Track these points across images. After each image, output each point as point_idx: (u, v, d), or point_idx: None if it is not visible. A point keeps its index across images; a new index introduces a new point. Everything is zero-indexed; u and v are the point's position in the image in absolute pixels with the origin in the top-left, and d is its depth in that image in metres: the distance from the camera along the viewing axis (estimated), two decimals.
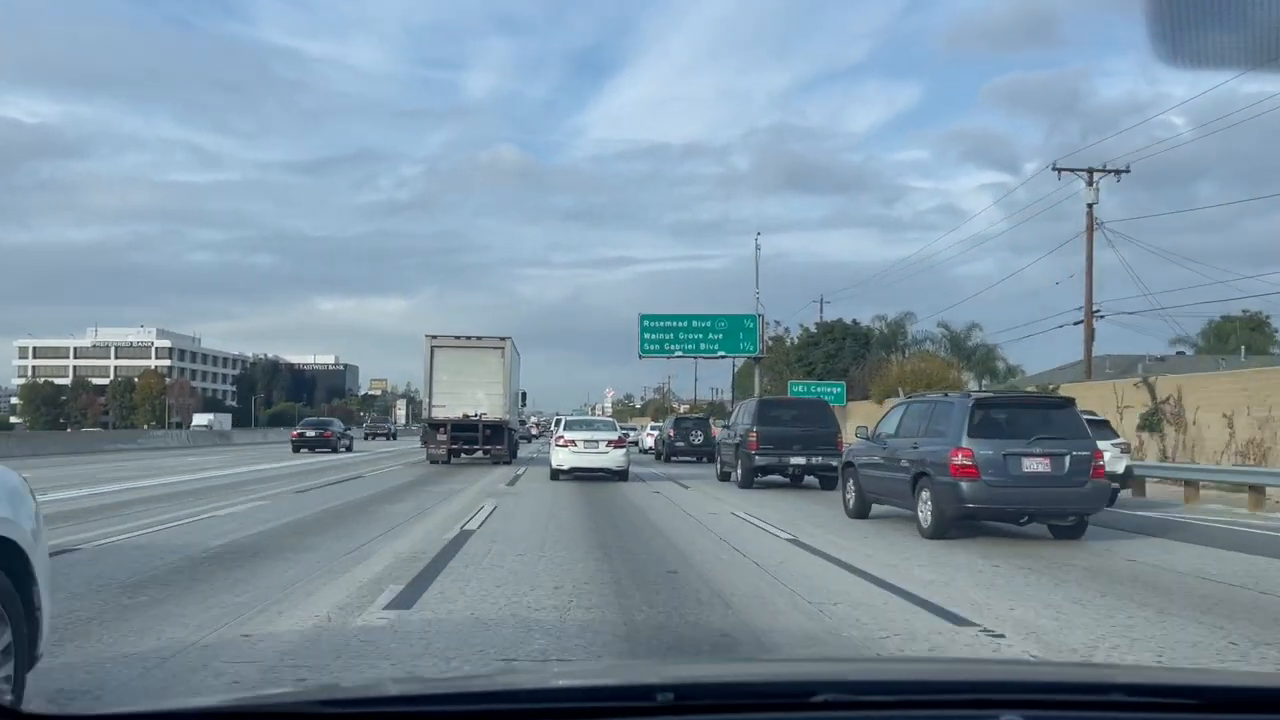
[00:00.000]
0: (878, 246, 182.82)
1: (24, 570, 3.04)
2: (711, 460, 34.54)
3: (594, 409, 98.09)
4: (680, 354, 40.43)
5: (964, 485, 9.83)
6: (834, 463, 16.62)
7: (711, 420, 39.73)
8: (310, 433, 37.42)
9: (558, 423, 24.19)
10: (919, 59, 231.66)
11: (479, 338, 27.60)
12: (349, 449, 37.53)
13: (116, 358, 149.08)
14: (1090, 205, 24.53)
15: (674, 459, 32.64)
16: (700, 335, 39.10)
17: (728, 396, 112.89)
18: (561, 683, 1.83)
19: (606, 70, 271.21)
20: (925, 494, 10.30)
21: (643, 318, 38.62)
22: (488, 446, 26.64)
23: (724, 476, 20.10)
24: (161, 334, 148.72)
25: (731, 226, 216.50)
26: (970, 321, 49.63)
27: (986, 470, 9.83)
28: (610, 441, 20.77)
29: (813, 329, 54.48)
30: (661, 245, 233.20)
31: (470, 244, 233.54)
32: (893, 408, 12.79)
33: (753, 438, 17.94)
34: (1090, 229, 24.70)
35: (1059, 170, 24.85)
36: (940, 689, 1.65)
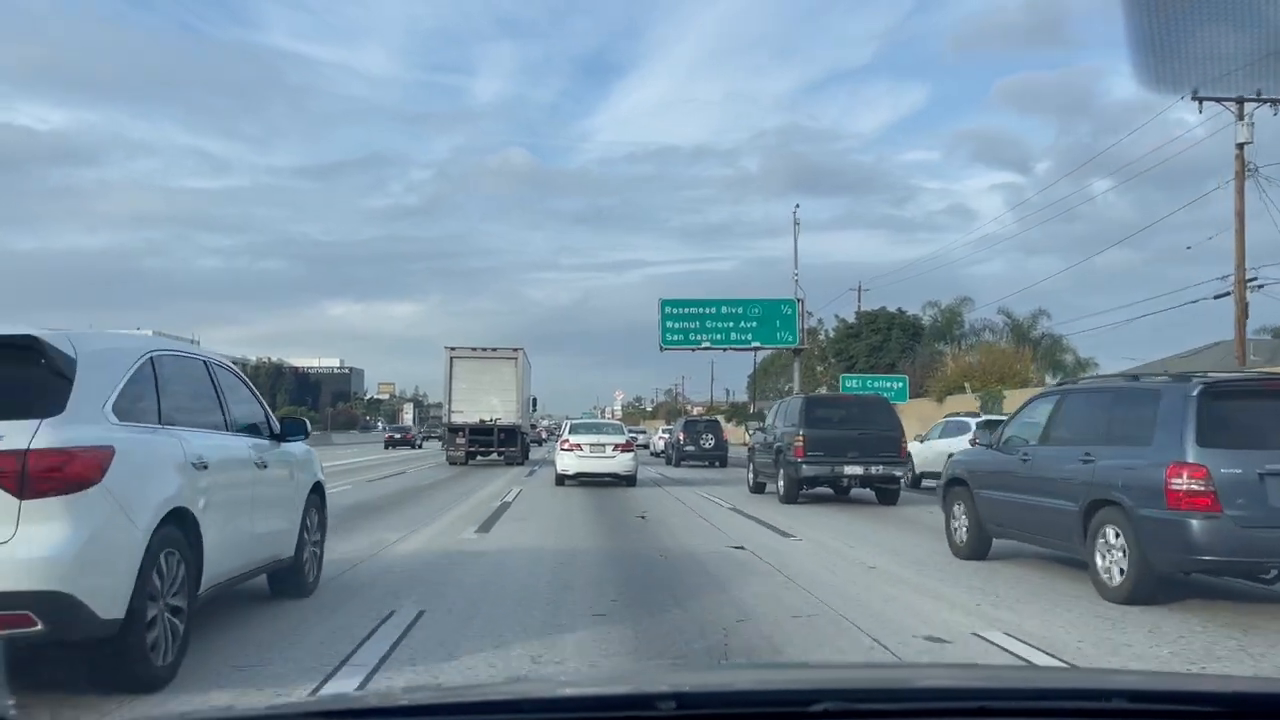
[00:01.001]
0: (888, 247, 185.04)
1: (322, 499, 7.04)
2: (722, 465, 33.69)
3: (603, 412, 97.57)
4: (708, 345, 35.59)
5: (1195, 523, 6.46)
6: (897, 472, 15.52)
7: (723, 422, 39.84)
8: (397, 435, 56.61)
9: (564, 426, 24.74)
10: (927, 59, 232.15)
11: (494, 349, 31.45)
12: (419, 446, 51.04)
13: None
14: (1242, 145, 20.50)
15: (684, 463, 32.69)
16: (730, 324, 35.25)
17: (743, 398, 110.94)
18: (568, 692, 1.96)
19: (614, 73, 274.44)
20: (1112, 534, 7.06)
21: (664, 304, 34.59)
22: (502, 449, 30.07)
23: (757, 488, 17.97)
24: (157, 335, 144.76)
25: (741, 229, 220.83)
26: (1036, 308, 45.11)
27: (1232, 499, 6.47)
28: (618, 446, 20.42)
29: (851, 320, 50.52)
30: (670, 248, 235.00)
31: (479, 247, 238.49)
32: (1031, 400, 9.43)
33: (798, 443, 15.48)
34: (1241, 176, 20.69)
35: (1200, 100, 20.48)
36: (944, 696, 1.65)
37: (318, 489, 7.00)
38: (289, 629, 5.50)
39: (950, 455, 11.45)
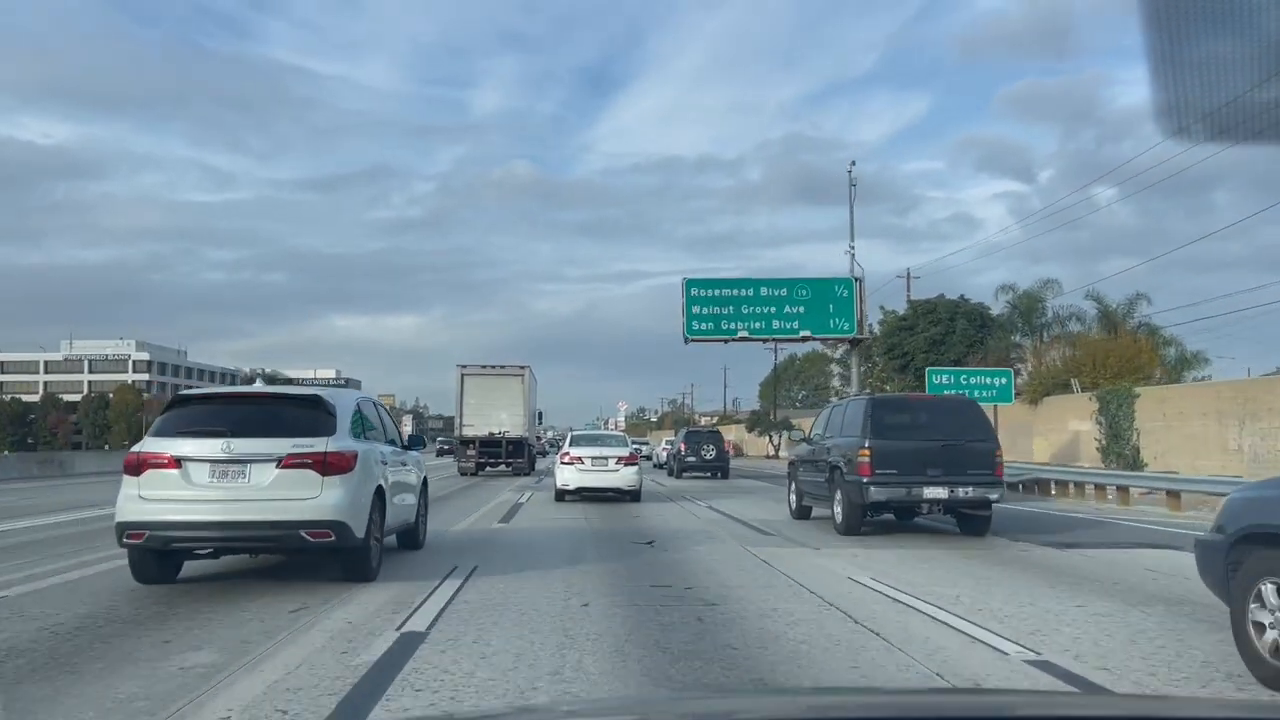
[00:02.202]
0: (891, 256, 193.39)
1: (425, 488, 11.96)
2: (724, 476, 35.38)
3: (606, 423, 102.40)
4: (745, 335, 30.81)
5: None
6: (993, 495, 13.46)
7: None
8: (445, 446, 59.76)
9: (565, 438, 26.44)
10: (931, 68, 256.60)
11: (502, 366, 35.32)
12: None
13: (91, 372, 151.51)
14: None
15: (685, 474, 35.03)
16: (772, 309, 30.51)
17: (745, 408, 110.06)
18: None
19: (617, 85, 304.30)
20: None
21: (689, 285, 30.70)
22: (510, 460, 33.91)
23: (801, 513, 16.53)
24: (141, 346, 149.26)
25: (745, 239, 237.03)
26: (1134, 291, 41.43)
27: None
28: (621, 459, 20.67)
29: (902, 311, 47.24)
30: (674, 258, 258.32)
31: (483, 259, 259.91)
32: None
33: (863, 457, 13.48)
34: None
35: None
36: None
37: (424, 482, 11.93)
38: (418, 563, 10.38)
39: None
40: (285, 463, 8.34)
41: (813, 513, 16.24)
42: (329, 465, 8.46)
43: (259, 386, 11.77)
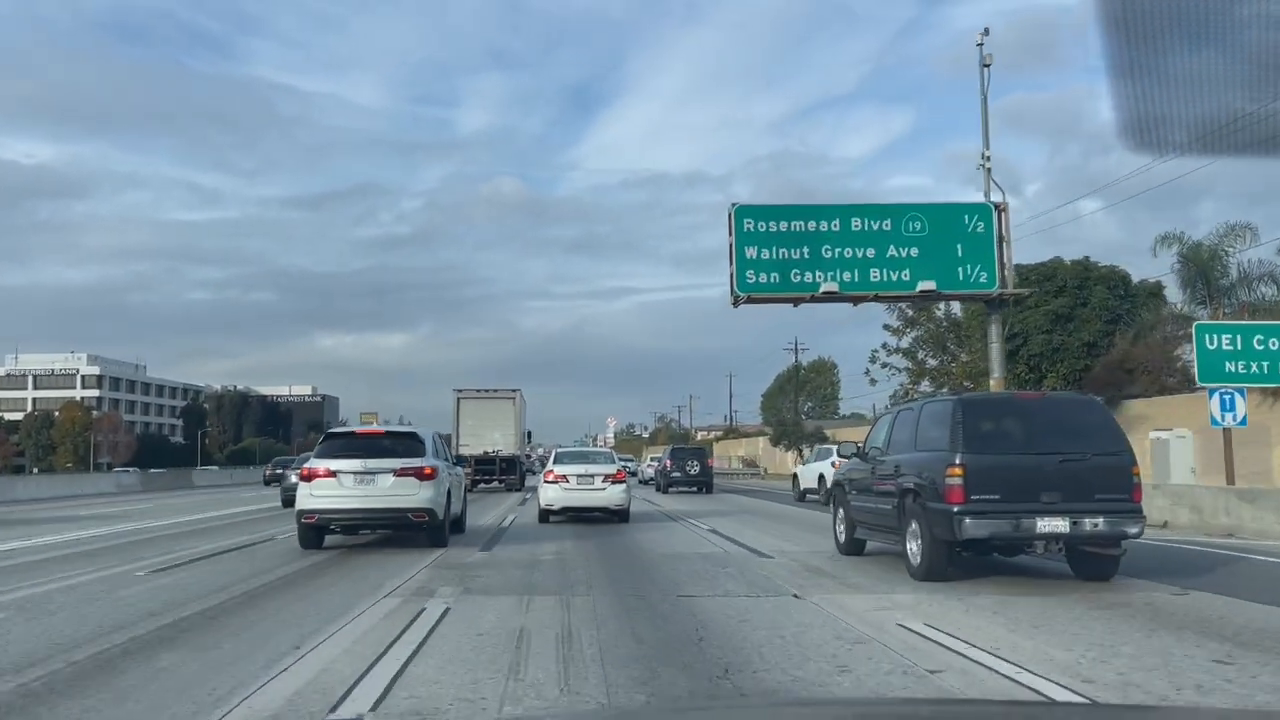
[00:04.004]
0: None
1: (465, 493, 23.19)
2: (708, 491, 40.67)
3: (595, 440, 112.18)
4: (831, 290, 24.22)
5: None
6: (1133, 529, 11.86)
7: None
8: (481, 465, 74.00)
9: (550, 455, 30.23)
10: (915, 83, 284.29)
11: (495, 390, 42.43)
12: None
13: (36, 388, 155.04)
14: None
15: (672, 489, 41.31)
16: (870, 252, 24.16)
17: (754, 420, 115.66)
18: None
19: (604, 102, 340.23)
20: None
21: (741, 215, 24.89)
22: (503, 476, 41.36)
23: (853, 547, 15.53)
24: (92, 360, 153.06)
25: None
26: None
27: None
28: (608, 476, 22.09)
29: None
30: (663, 275, 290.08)
31: (471, 277, 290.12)
32: None
33: (954, 478, 11.76)
34: None
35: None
36: None
37: (464, 488, 22.38)
38: (464, 540, 19.04)
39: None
40: (398, 473, 17.19)
41: (866, 546, 15.39)
42: (423, 474, 17.30)
43: (378, 426, 21.03)
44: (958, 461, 11.68)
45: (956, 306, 39.65)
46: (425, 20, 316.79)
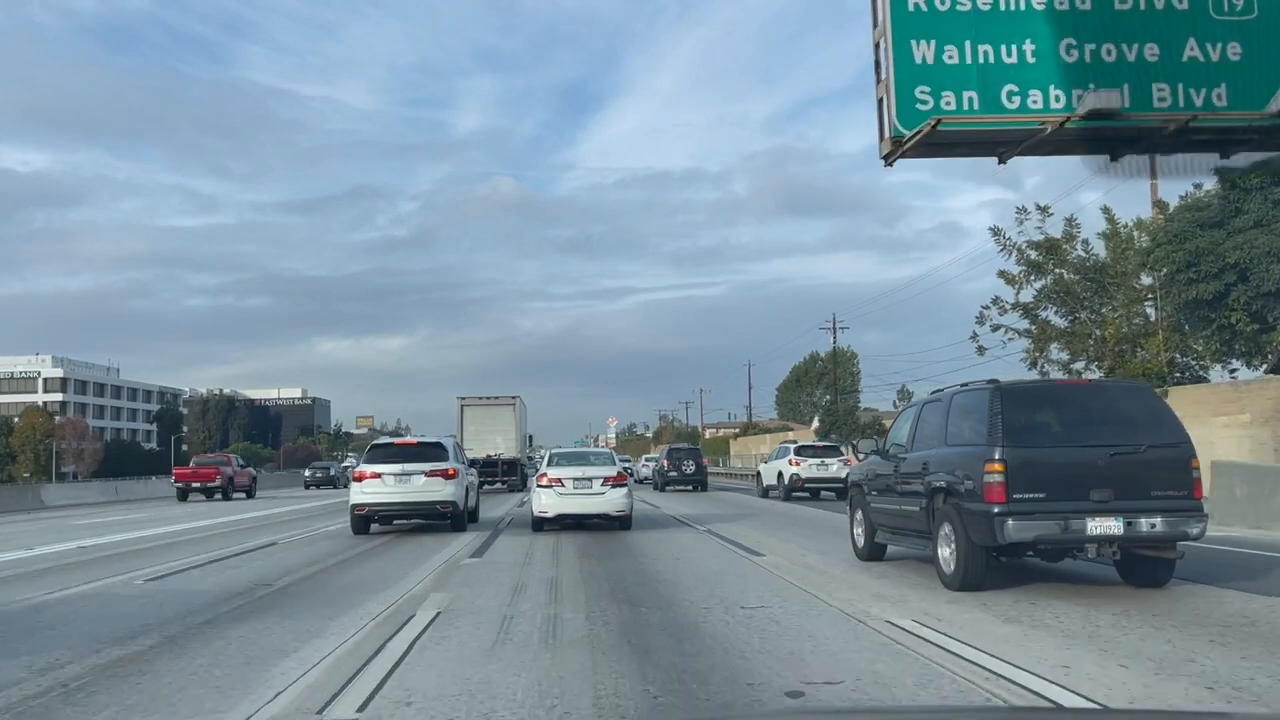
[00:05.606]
0: (878, 268, 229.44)
1: (478, 489, 30.56)
2: (703, 489, 46.11)
3: (595, 440, 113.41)
4: (1093, 110, 13.46)
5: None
6: (1193, 530, 11.44)
7: (703, 452, 51.51)
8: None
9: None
10: None
11: (496, 397, 48.03)
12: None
13: None
14: None
15: (668, 488, 46.81)
16: (1153, 51, 13.65)
17: (769, 415, 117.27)
18: None
19: (600, 101, 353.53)
20: None
21: (895, 4, 14.58)
22: (505, 479, 47.18)
23: (873, 552, 15.10)
24: (57, 362, 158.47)
25: (731, 253, 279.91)
26: None
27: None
28: (608, 479, 21.41)
29: (1207, 187, 29.34)
30: (661, 274, 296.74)
31: (469, 279, 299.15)
32: None
33: (994, 475, 11.29)
34: None
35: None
36: None
37: (478, 486, 29.60)
38: (477, 528, 24.93)
39: None
40: (428, 474, 23.18)
41: (887, 551, 14.92)
42: (448, 475, 23.36)
43: (412, 437, 27.35)
44: (997, 456, 11.11)
45: (1101, 247, 31.46)
46: (418, 23, 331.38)
